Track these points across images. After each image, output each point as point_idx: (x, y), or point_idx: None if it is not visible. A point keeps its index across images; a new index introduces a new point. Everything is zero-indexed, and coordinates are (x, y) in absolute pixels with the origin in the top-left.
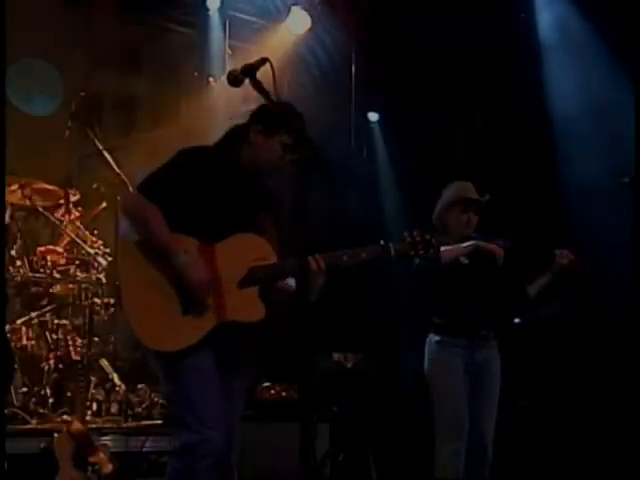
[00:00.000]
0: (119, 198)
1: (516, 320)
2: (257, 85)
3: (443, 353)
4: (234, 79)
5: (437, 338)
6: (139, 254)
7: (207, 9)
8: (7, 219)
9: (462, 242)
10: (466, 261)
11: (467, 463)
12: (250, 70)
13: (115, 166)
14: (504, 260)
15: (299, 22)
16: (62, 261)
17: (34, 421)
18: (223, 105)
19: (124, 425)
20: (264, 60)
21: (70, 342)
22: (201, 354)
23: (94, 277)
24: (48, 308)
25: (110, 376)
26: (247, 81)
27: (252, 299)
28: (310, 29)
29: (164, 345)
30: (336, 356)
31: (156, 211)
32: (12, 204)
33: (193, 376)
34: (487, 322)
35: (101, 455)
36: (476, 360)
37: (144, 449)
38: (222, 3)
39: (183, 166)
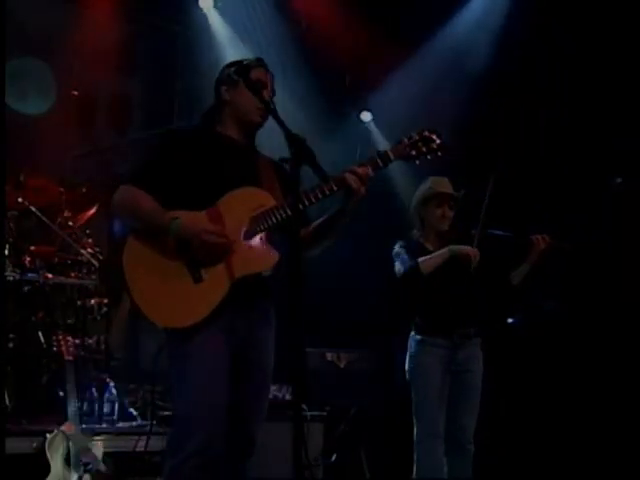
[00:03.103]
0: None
1: (510, 320)
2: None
3: (424, 353)
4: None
5: (418, 337)
6: (138, 246)
7: (200, 8)
8: None
9: (438, 237)
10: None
11: (450, 460)
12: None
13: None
14: (484, 252)
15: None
16: (55, 261)
17: (26, 421)
18: None
19: (117, 425)
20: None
21: (63, 342)
22: (216, 339)
23: (87, 277)
24: (41, 308)
25: (103, 376)
26: None
27: (261, 247)
28: (303, 29)
29: (182, 320)
30: (329, 355)
31: (144, 194)
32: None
33: (205, 368)
34: (468, 320)
35: (94, 455)
36: (458, 359)
37: (137, 449)
38: (215, 2)
39: (164, 147)
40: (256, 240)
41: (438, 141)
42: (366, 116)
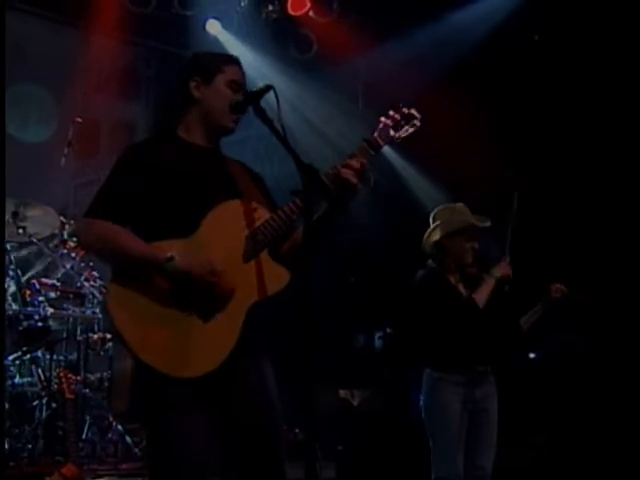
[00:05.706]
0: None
1: (531, 355)
2: (260, 113)
3: (441, 390)
4: (237, 106)
5: (436, 375)
6: (124, 290)
7: (207, 33)
8: None
9: (459, 268)
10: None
11: None
12: (253, 97)
13: None
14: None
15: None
16: (56, 294)
17: (24, 464)
18: None
19: (120, 467)
20: (268, 87)
21: (64, 379)
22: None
23: (89, 311)
24: (41, 343)
25: (105, 415)
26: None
27: (268, 265)
28: (314, 52)
29: (201, 366)
30: (342, 393)
31: (120, 229)
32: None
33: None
34: (485, 358)
35: None
36: (476, 397)
37: None
38: (222, 27)
39: (126, 170)
40: (259, 259)
41: (419, 116)
42: None
